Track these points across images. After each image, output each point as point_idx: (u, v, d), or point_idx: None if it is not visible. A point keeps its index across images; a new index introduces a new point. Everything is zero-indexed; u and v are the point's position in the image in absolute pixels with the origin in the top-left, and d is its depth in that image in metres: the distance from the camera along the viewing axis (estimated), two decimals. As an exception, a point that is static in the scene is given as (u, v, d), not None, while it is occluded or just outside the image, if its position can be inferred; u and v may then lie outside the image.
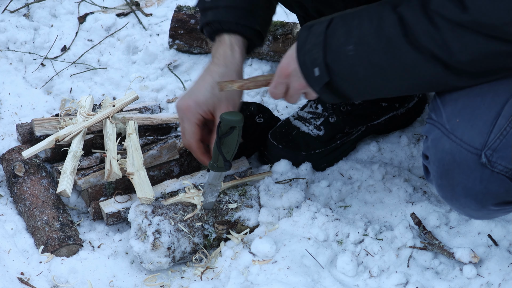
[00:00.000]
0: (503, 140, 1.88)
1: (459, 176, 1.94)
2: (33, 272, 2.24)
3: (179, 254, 2.28)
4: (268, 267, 2.24)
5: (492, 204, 1.97)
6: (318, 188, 2.54)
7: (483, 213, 2.02)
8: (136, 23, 3.29)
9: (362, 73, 1.94)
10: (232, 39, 2.27)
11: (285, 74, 2.08)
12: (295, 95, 2.12)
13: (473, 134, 1.90)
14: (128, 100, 2.60)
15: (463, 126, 1.91)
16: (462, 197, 1.97)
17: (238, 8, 2.28)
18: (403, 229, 2.31)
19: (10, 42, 3.12)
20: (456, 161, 1.93)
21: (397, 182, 2.56)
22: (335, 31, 1.96)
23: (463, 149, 1.91)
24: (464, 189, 1.95)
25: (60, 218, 2.35)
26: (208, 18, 2.30)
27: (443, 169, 1.96)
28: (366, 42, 1.91)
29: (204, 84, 2.24)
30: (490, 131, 1.89)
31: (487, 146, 1.89)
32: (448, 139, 1.93)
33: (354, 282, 2.24)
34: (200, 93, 2.23)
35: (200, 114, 2.23)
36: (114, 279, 2.26)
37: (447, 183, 1.98)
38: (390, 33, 1.87)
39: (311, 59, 1.98)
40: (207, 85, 2.23)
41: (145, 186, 2.35)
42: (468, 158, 1.91)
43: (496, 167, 1.90)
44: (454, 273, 2.24)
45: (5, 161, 2.52)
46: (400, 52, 1.86)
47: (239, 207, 2.38)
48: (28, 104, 2.86)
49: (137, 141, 2.46)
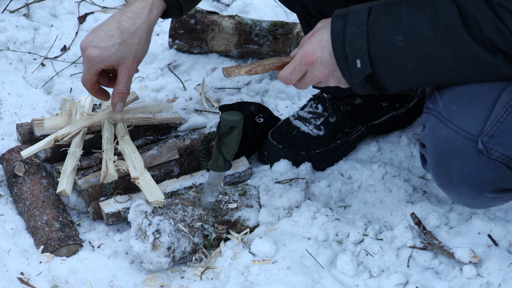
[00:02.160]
0: (500, 127, 1.88)
1: (456, 163, 1.94)
2: (33, 272, 2.24)
3: (179, 254, 2.28)
4: (268, 267, 2.24)
5: (489, 192, 1.96)
6: (318, 188, 2.54)
7: (479, 201, 2.02)
8: (136, 23, 3.29)
9: (411, 64, 1.90)
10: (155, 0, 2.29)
11: (308, 62, 2.03)
12: (310, 83, 2.09)
13: (470, 120, 1.89)
14: (128, 100, 2.60)
15: (460, 113, 1.90)
16: (458, 184, 1.97)
17: None
18: (403, 229, 2.31)
19: (10, 42, 3.12)
20: (453, 148, 1.92)
21: (397, 182, 2.56)
22: (379, 21, 1.91)
23: (459, 135, 1.91)
24: (461, 176, 1.95)
25: (60, 218, 2.35)
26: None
27: (439, 156, 1.96)
28: (419, 32, 1.87)
29: (111, 38, 2.27)
30: (487, 118, 1.88)
31: (484, 133, 1.88)
32: (445, 126, 1.93)
33: (354, 282, 2.24)
34: (105, 48, 2.27)
35: (100, 68, 2.30)
36: (114, 279, 2.26)
37: (444, 171, 1.97)
38: (447, 23, 1.83)
39: (353, 50, 1.93)
40: (114, 40, 2.27)
41: (153, 189, 2.34)
42: (465, 145, 1.90)
43: (492, 154, 1.89)
44: (454, 273, 2.24)
45: (5, 161, 2.52)
46: (460, 43, 1.83)
47: (239, 207, 2.38)
48: (28, 104, 2.86)
49: (132, 143, 2.46)
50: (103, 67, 2.30)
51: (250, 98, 2.95)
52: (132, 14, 2.29)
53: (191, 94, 2.93)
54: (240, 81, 3.03)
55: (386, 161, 2.67)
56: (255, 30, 3.06)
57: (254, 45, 3.07)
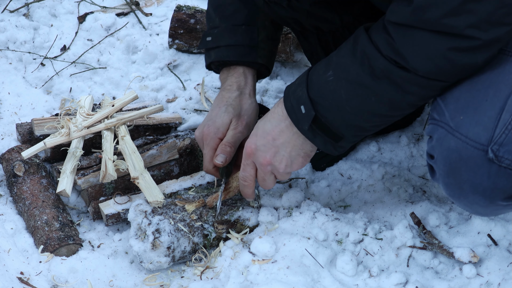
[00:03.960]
0: (509, 134, 1.87)
1: (467, 173, 1.93)
2: (33, 272, 2.24)
3: (179, 254, 2.28)
4: (267, 266, 2.24)
5: (501, 199, 1.96)
6: (318, 188, 2.54)
7: (491, 209, 2.02)
8: (136, 22, 3.29)
9: (345, 95, 1.97)
10: (244, 69, 2.38)
11: (249, 153, 2.17)
12: (266, 175, 2.19)
13: (478, 130, 1.89)
14: (128, 100, 2.60)
15: (468, 123, 1.90)
16: (470, 194, 1.97)
17: (239, 46, 2.36)
18: (402, 229, 2.31)
19: (10, 41, 3.12)
20: (463, 158, 1.92)
21: (397, 182, 2.56)
22: (316, 67, 2.05)
23: (469, 145, 1.90)
24: (472, 186, 1.95)
25: (60, 218, 2.35)
26: (212, 58, 2.40)
27: (449, 167, 1.96)
28: (343, 63, 1.96)
29: (219, 110, 2.33)
30: (495, 126, 1.88)
31: (493, 141, 1.88)
32: (453, 137, 1.93)
33: (354, 282, 2.24)
34: (217, 118, 2.32)
35: (219, 139, 2.32)
36: (114, 279, 2.26)
37: (454, 181, 1.97)
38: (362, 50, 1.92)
39: (296, 99, 2.04)
40: (222, 110, 2.33)
41: (153, 189, 2.34)
42: (475, 155, 1.90)
43: (503, 162, 1.89)
44: (453, 272, 2.24)
45: (5, 161, 2.52)
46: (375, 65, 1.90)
47: (239, 206, 2.38)
48: (28, 104, 2.86)
49: (132, 143, 2.46)
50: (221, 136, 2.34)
51: (250, 98, 2.95)
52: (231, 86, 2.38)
53: (191, 94, 2.93)
54: (240, 81, 3.03)
55: (386, 161, 2.67)
56: (255, 30, 3.05)
57: (254, 45, 3.07)
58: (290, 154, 2.14)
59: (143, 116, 2.59)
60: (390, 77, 1.91)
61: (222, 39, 2.36)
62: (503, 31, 1.82)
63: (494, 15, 1.79)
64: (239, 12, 2.37)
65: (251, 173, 2.22)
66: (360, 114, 2.01)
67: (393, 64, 1.88)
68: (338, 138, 2.06)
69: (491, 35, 1.81)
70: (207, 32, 2.42)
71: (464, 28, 1.80)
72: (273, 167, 2.17)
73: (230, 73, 2.39)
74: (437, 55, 1.84)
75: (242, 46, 2.35)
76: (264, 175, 2.20)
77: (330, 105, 2.00)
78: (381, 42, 1.89)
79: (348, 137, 2.06)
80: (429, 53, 1.85)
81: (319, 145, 2.09)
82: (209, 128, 2.31)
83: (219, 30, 2.38)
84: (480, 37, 1.81)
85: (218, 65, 2.41)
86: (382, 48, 1.89)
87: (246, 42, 2.36)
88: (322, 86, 2.00)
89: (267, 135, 2.14)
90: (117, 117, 2.54)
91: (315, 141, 2.08)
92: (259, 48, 2.37)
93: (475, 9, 1.78)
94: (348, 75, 1.96)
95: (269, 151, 2.14)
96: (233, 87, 2.36)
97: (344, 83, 1.96)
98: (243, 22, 2.36)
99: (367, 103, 1.97)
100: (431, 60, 1.86)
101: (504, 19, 1.80)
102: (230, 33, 2.36)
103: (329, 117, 2.02)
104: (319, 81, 2.01)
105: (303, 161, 2.16)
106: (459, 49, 1.83)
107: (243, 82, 2.37)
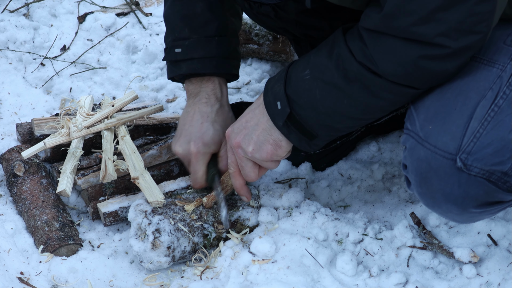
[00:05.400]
0: (477, 142, 1.87)
1: (437, 182, 1.93)
2: (33, 272, 2.24)
3: (179, 254, 2.28)
4: (267, 266, 2.24)
5: (473, 207, 1.96)
6: (318, 188, 2.54)
7: (466, 216, 2.02)
8: (136, 22, 3.29)
9: (319, 94, 1.98)
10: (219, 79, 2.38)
11: (226, 138, 2.22)
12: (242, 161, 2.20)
13: (446, 139, 1.89)
14: (128, 100, 2.60)
15: (436, 132, 1.91)
16: (443, 203, 1.97)
17: (213, 57, 2.35)
18: (402, 229, 2.31)
19: (10, 41, 3.12)
20: (433, 168, 1.92)
21: (397, 181, 2.56)
22: (295, 65, 2.06)
23: (438, 155, 1.90)
24: (444, 195, 1.95)
25: (60, 218, 2.35)
26: (183, 70, 2.37)
27: (421, 177, 1.96)
28: (320, 63, 1.98)
29: (204, 127, 2.33)
30: (463, 135, 1.88)
31: (462, 150, 1.88)
32: (423, 147, 1.93)
33: (354, 282, 2.24)
34: (204, 136, 2.32)
35: (209, 154, 2.34)
36: (114, 279, 2.26)
37: (427, 191, 1.97)
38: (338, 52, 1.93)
39: (274, 94, 2.06)
40: (207, 126, 2.33)
41: (153, 189, 2.34)
42: (444, 164, 1.90)
43: (472, 170, 1.88)
44: (453, 272, 2.24)
45: (5, 161, 2.52)
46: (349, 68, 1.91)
47: (239, 206, 2.38)
48: (27, 104, 2.86)
49: (132, 143, 2.46)
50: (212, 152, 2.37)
51: (249, 98, 2.95)
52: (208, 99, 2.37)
53: (190, 94, 2.93)
54: (239, 81, 3.03)
55: (386, 161, 2.67)
56: (255, 30, 3.05)
57: (254, 44, 3.07)
58: (258, 138, 2.14)
59: (143, 116, 2.60)
60: (362, 81, 1.92)
61: (195, 51, 2.34)
62: (473, 39, 1.81)
63: (464, 24, 1.78)
64: (210, 23, 2.34)
65: (232, 159, 2.24)
66: (332, 115, 2.02)
67: (365, 68, 1.89)
68: (312, 136, 2.08)
69: (461, 44, 1.81)
70: (175, 43, 2.37)
71: (434, 37, 1.80)
72: (243, 150, 2.18)
73: (204, 84, 2.37)
74: (408, 62, 1.85)
75: (216, 58, 2.35)
76: (240, 161, 2.21)
77: (305, 103, 2.02)
78: (354, 47, 1.90)
79: (322, 136, 2.08)
80: (400, 59, 1.85)
81: (294, 141, 2.10)
82: (197, 146, 2.31)
83: (190, 42, 2.35)
84: (450, 45, 1.81)
85: (186, 76, 2.39)
86: (355, 53, 1.90)
87: (220, 53, 2.35)
88: (298, 84, 2.02)
89: (242, 118, 2.18)
90: (117, 117, 2.55)
91: (290, 137, 2.09)
92: (231, 58, 2.38)
93: (444, 17, 1.78)
94: (323, 75, 1.97)
95: (240, 133, 2.17)
96: (211, 100, 2.36)
97: (319, 83, 1.98)
98: (215, 34, 2.34)
99: (339, 105, 1.98)
100: (402, 67, 1.86)
101: (473, 28, 1.80)
102: (204, 45, 2.34)
103: (303, 116, 2.03)
104: (296, 79, 2.03)
105: (272, 150, 2.15)
106: (430, 57, 1.83)
107: (219, 93, 2.38)
